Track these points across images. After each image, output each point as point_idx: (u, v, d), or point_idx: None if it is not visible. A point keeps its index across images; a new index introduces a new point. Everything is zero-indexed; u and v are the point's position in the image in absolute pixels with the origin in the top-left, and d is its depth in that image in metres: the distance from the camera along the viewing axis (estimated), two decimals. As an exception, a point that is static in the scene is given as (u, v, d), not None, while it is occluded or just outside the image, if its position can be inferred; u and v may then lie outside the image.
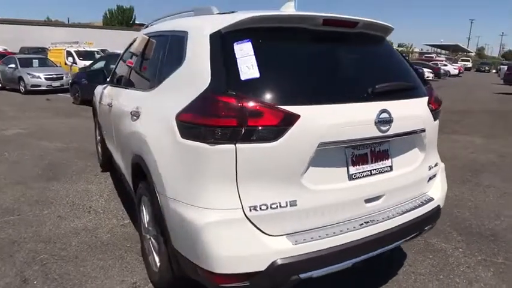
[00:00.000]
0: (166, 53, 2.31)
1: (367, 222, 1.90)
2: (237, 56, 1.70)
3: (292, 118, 1.63)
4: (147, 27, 3.31)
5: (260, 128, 1.60)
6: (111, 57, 10.11)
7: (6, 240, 2.91)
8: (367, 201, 1.92)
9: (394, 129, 1.91)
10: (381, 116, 1.85)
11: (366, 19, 2.05)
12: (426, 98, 2.20)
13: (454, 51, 68.28)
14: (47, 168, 4.72)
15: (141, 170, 2.23)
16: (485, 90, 19.53)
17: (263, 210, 1.65)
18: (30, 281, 2.42)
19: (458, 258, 2.82)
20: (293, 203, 1.69)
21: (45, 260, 2.66)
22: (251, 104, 1.60)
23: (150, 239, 2.35)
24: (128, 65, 2.88)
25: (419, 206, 2.15)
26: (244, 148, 1.60)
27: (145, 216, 2.36)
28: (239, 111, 1.59)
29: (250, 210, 1.63)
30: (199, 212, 1.65)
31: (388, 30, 2.27)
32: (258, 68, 1.68)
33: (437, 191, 2.33)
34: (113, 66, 9.51)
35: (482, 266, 2.71)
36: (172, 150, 1.80)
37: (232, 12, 1.96)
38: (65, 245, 2.88)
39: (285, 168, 1.67)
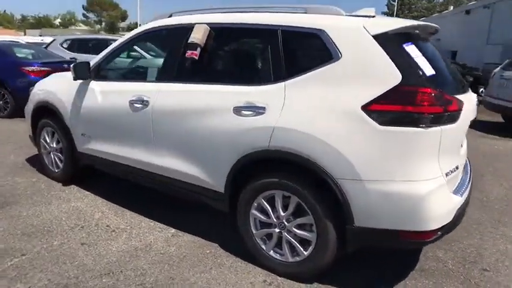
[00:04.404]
0: (283, 48, 2.29)
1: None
2: (412, 56, 2.02)
3: (462, 104, 2.11)
4: (170, 16, 2.90)
5: (451, 113, 2.02)
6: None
7: None
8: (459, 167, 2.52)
9: (474, 114, 2.54)
10: (475, 104, 2.49)
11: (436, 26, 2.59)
12: None
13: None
14: (-24, 194, 3.49)
15: (276, 163, 2.27)
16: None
17: (449, 174, 2.10)
18: (154, 316, 2.02)
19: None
20: (458, 167, 2.21)
21: (138, 291, 2.22)
22: (446, 94, 2.02)
23: (280, 231, 2.33)
24: (190, 57, 2.50)
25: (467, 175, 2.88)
26: (445, 129, 1.99)
27: (278, 210, 2.31)
28: (442, 100, 1.98)
29: (446, 175, 2.06)
30: (414, 184, 1.96)
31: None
32: None
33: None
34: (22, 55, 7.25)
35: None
36: (368, 137, 1.98)
37: (373, 16, 2.18)
38: (136, 271, 2.42)
39: (457, 142, 2.19)
